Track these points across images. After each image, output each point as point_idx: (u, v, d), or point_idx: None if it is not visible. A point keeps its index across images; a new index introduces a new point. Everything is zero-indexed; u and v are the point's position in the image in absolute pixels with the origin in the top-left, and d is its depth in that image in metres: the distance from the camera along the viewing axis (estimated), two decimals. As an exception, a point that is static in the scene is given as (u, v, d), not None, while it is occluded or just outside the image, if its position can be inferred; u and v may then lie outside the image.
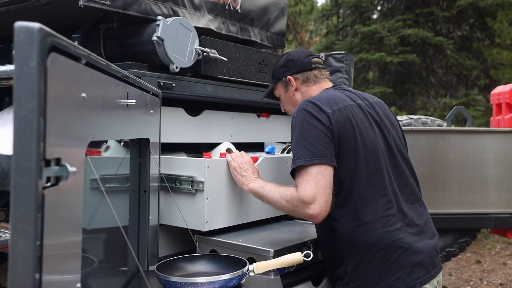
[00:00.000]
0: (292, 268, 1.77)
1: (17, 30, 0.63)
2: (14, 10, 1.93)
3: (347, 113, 1.61)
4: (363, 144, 1.59)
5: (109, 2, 1.75)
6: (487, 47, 8.79)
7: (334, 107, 1.60)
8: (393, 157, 1.67)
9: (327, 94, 1.70)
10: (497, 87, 3.68)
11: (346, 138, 1.57)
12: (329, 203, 1.51)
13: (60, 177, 0.70)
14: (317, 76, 1.84)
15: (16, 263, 0.61)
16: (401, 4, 8.88)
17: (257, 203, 2.04)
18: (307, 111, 1.58)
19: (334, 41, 9.18)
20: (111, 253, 1.63)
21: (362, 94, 1.80)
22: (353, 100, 1.69)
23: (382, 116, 1.73)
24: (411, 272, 1.55)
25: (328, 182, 1.51)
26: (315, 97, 1.66)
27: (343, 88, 1.82)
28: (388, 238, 1.55)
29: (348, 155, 1.57)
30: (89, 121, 0.88)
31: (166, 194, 1.81)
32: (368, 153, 1.60)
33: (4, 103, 1.96)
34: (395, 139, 1.71)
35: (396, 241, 1.55)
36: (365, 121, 1.64)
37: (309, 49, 10.41)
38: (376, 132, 1.65)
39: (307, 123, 1.57)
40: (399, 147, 1.71)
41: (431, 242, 1.65)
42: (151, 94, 1.56)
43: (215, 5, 2.25)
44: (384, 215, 1.57)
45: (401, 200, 1.63)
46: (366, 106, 1.70)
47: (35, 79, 0.63)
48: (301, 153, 1.54)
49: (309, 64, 1.84)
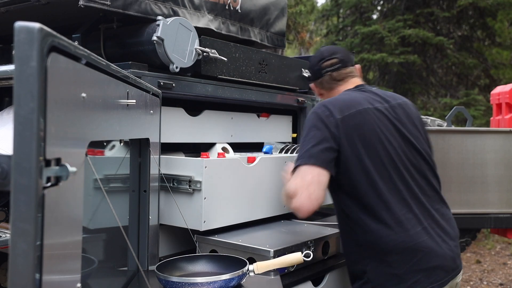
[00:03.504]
0: (292, 268, 1.77)
1: (17, 30, 0.63)
2: (14, 10, 1.93)
3: (359, 118, 1.62)
4: (378, 149, 1.60)
5: (109, 2, 1.75)
6: (487, 47, 8.79)
7: (346, 112, 1.62)
8: (413, 160, 1.67)
9: (345, 97, 1.71)
10: (497, 87, 3.67)
11: (355, 144, 1.59)
12: (312, 200, 1.51)
13: (60, 177, 0.70)
14: (329, 82, 1.86)
15: (16, 263, 0.61)
16: (401, 4, 8.88)
17: (255, 202, 2.04)
18: (317, 115, 1.63)
19: (335, 41, 9.18)
20: (111, 253, 1.63)
21: (385, 95, 1.77)
22: (371, 104, 1.68)
23: (403, 119, 1.71)
24: (430, 275, 1.56)
25: (315, 180, 1.52)
26: (331, 100, 1.69)
27: (365, 89, 1.78)
28: (408, 242, 1.56)
29: (359, 161, 1.59)
30: (89, 121, 0.88)
31: (166, 194, 1.81)
32: (383, 158, 1.61)
33: (4, 103, 1.96)
34: (417, 141, 1.70)
35: (416, 245, 1.56)
36: (381, 125, 1.64)
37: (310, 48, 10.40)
38: (394, 135, 1.65)
39: (314, 127, 1.61)
40: (421, 149, 1.70)
41: (453, 244, 1.65)
42: (151, 94, 1.56)
43: (215, 5, 2.25)
44: (403, 218, 1.58)
45: (423, 202, 1.64)
46: (387, 109, 1.69)
47: (35, 79, 0.63)
48: (300, 155, 1.59)
49: (319, 70, 1.86)
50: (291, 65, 2.60)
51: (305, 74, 2.70)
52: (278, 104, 2.58)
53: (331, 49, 1.90)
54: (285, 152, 2.40)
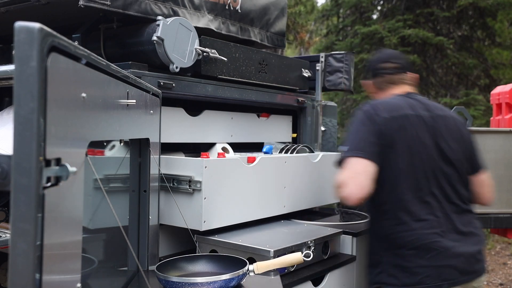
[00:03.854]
0: (292, 268, 1.77)
1: (17, 30, 0.63)
2: (14, 10, 1.93)
3: (402, 121, 1.75)
4: (410, 152, 1.73)
5: (109, 2, 1.75)
6: (487, 47, 8.78)
7: (391, 113, 1.76)
8: (444, 168, 1.77)
9: (391, 100, 1.84)
10: (497, 87, 3.67)
11: (394, 144, 1.73)
12: (362, 188, 1.66)
13: (60, 177, 0.70)
14: (383, 82, 1.98)
15: (16, 263, 0.61)
16: (401, 4, 8.87)
17: (255, 202, 2.04)
18: (365, 113, 1.78)
19: (334, 41, 9.17)
20: (111, 253, 1.63)
21: (430, 105, 1.87)
22: (414, 110, 1.80)
23: (443, 130, 1.81)
24: (441, 273, 1.66)
25: (362, 170, 1.67)
26: (379, 101, 1.84)
27: (412, 96, 1.89)
28: (423, 239, 1.68)
29: (393, 159, 1.73)
30: (89, 121, 0.88)
31: (166, 194, 1.81)
32: (414, 161, 1.73)
33: (4, 103, 1.96)
34: (450, 152, 1.79)
35: (431, 244, 1.67)
36: (419, 131, 1.76)
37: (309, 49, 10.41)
38: (429, 144, 1.77)
39: (361, 124, 1.76)
40: (453, 160, 1.79)
41: (473, 249, 1.73)
42: (151, 94, 1.56)
43: (215, 5, 2.25)
44: (423, 218, 1.70)
45: (448, 208, 1.75)
46: (427, 118, 1.80)
47: (35, 79, 0.63)
48: (349, 149, 1.73)
49: (378, 70, 1.99)
50: (291, 65, 2.60)
51: (305, 74, 2.70)
52: (278, 104, 2.58)
53: (393, 53, 2.06)
54: (285, 152, 2.40)
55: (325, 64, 2.84)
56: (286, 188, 2.21)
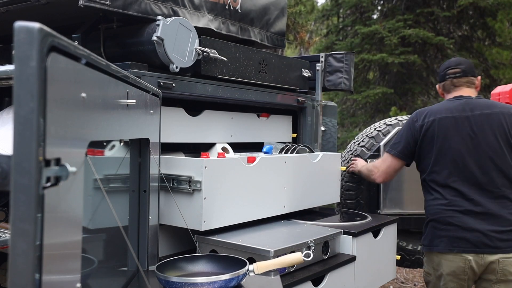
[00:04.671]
0: (292, 268, 1.77)
1: (17, 30, 0.63)
2: (14, 10, 1.93)
3: (436, 123, 2.22)
4: (442, 147, 2.19)
5: (109, 2, 1.75)
6: (487, 47, 8.78)
7: (426, 119, 2.26)
8: (479, 160, 2.15)
9: (435, 106, 2.31)
10: (497, 87, 3.67)
11: (427, 141, 2.24)
12: (387, 175, 2.45)
13: (60, 177, 0.70)
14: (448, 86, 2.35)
15: (16, 263, 0.61)
16: (402, 4, 8.87)
17: (255, 202, 2.04)
18: (412, 118, 2.35)
19: (335, 41, 9.17)
20: (111, 253, 1.63)
21: (475, 104, 2.22)
22: (452, 112, 2.22)
23: (484, 127, 2.17)
24: (453, 242, 2.11)
25: (391, 165, 2.40)
26: (427, 108, 2.33)
27: (462, 98, 2.27)
28: (440, 214, 2.16)
29: (428, 153, 2.24)
30: (89, 121, 0.88)
31: (166, 194, 1.81)
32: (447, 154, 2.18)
33: (4, 103, 1.96)
34: (489, 146, 2.16)
35: (447, 218, 2.14)
36: (452, 130, 2.19)
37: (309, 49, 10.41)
38: (463, 140, 2.17)
39: (407, 126, 2.35)
40: (489, 151, 2.15)
41: (492, 228, 2.09)
42: (151, 94, 1.56)
43: (215, 5, 2.25)
44: (446, 198, 2.16)
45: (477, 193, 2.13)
46: (467, 118, 2.19)
47: (35, 79, 0.63)
48: (391, 145, 2.42)
49: (444, 76, 2.36)
50: (291, 65, 2.60)
51: (305, 74, 2.70)
52: (278, 104, 2.58)
53: (457, 60, 2.39)
54: (285, 152, 2.40)
55: (325, 64, 2.84)
56: (286, 188, 2.21)
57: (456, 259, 2.11)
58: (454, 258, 2.11)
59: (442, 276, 2.16)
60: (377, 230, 2.38)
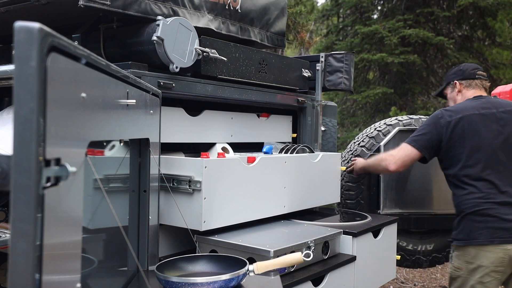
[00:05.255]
0: (292, 268, 1.77)
1: (17, 30, 0.63)
2: (14, 10, 1.93)
3: (465, 120, 2.31)
4: (474, 142, 2.27)
5: (109, 2, 1.75)
6: (487, 47, 8.78)
7: (453, 116, 2.33)
8: (509, 154, 2.28)
9: (461, 105, 2.41)
10: (498, 87, 3.68)
11: (456, 138, 2.31)
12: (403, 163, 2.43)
13: (60, 177, 0.70)
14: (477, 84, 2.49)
15: (16, 263, 0.61)
16: (402, 4, 8.87)
17: (255, 203, 2.04)
18: (434, 116, 2.42)
19: (335, 41, 9.17)
20: (111, 253, 1.63)
21: (498, 103, 2.39)
22: (478, 110, 2.33)
23: (510, 123, 2.31)
24: (493, 233, 2.17)
25: (409, 156, 2.41)
26: (451, 107, 2.43)
27: (483, 98, 2.42)
28: (478, 207, 2.21)
29: (458, 149, 2.31)
30: (89, 121, 0.88)
31: (166, 194, 1.81)
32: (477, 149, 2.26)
33: (4, 103, 1.97)
34: None
35: (485, 210, 2.20)
36: (481, 126, 2.30)
37: (310, 49, 10.42)
38: (493, 135, 2.29)
39: (431, 121, 2.40)
40: None
41: None
42: (151, 94, 1.55)
43: (215, 5, 2.25)
44: (482, 191, 2.23)
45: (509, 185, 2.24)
46: (493, 114, 2.33)
47: (35, 79, 0.63)
48: (409, 138, 2.44)
49: (474, 75, 2.50)
50: (291, 65, 2.60)
51: (305, 74, 2.70)
52: (278, 104, 2.58)
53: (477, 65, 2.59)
54: (285, 152, 2.40)
55: (325, 64, 2.84)
56: (286, 188, 2.21)
57: (496, 250, 2.16)
58: (494, 249, 2.16)
59: (479, 269, 2.18)
60: (377, 230, 2.38)
